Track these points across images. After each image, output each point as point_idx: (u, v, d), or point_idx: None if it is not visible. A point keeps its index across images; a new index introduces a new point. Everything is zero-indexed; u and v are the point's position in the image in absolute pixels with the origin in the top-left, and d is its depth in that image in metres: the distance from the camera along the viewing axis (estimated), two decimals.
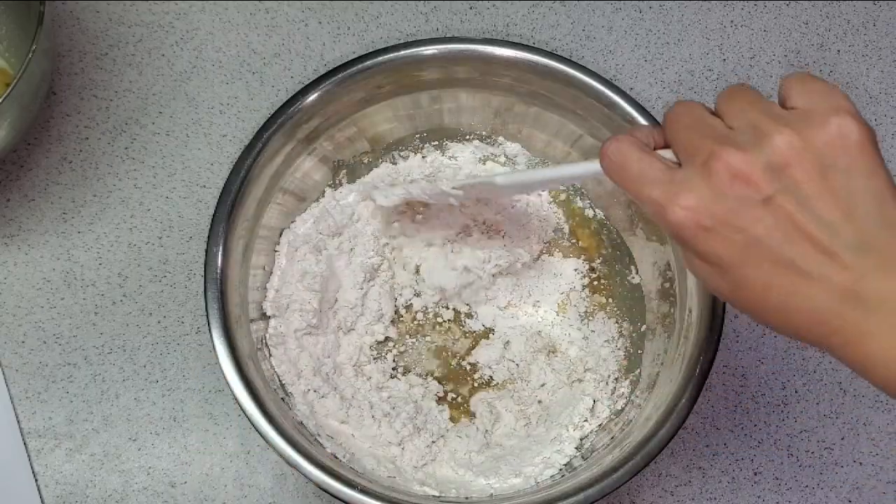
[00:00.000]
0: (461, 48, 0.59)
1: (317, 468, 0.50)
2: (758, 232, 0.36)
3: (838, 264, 0.36)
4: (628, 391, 0.59)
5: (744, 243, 0.37)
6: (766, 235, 0.36)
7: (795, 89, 0.38)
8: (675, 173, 0.38)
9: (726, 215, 0.37)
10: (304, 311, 0.59)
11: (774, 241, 0.36)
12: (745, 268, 0.37)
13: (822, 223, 0.36)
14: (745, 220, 0.36)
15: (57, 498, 0.61)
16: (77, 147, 0.68)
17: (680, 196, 0.37)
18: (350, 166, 0.63)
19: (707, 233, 0.37)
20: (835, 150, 0.36)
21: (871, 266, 0.35)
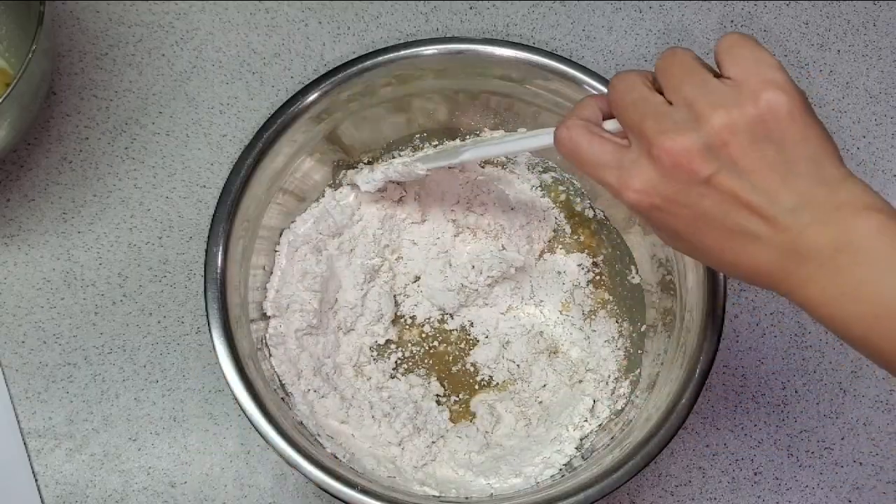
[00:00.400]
0: (461, 48, 0.59)
1: (317, 468, 0.50)
2: (704, 207, 0.40)
3: (778, 227, 0.39)
4: (628, 391, 0.59)
5: (692, 217, 0.41)
6: (712, 209, 0.40)
7: (728, 57, 0.41)
8: (625, 155, 0.42)
9: (674, 195, 0.40)
10: (304, 312, 0.59)
11: (719, 213, 0.40)
12: (697, 235, 0.41)
13: (760, 193, 0.39)
14: (691, 197, 0.40)
15: (57, 498, 0.61)
16: (77, 147, 0.68)
17: (631, 180, 0.41)
18: (350, 166, 0.63)
19: (659, 210, 0.41)
20: (767, 124, 0.39)
21: (807, 222, 0.39)
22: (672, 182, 0.40)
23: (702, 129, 0.39)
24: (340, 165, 0.63)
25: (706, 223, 0.41)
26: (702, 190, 0.40)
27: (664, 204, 0.41)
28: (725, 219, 0.40)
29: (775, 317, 0.67)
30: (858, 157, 0.71)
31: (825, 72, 0.73)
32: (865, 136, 0.72)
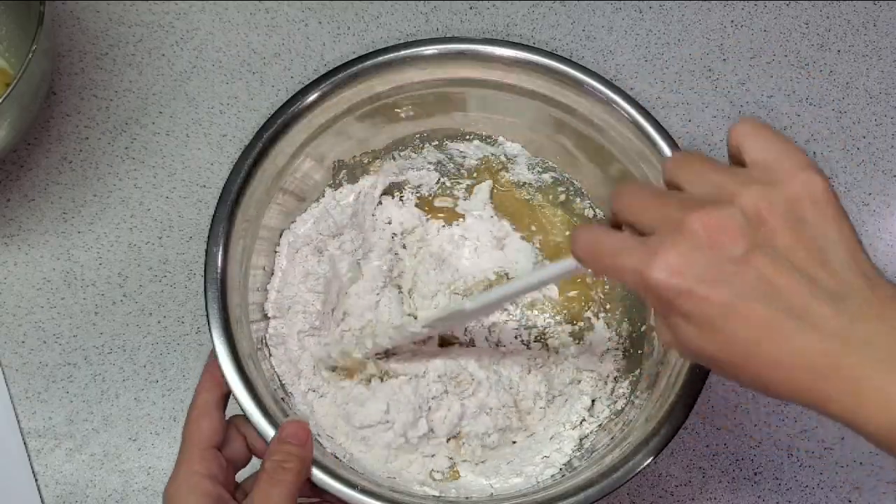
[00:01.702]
0: (461, 48, 0.59)
1: (317, 468, 0.50)
2: (742, 285, 0.36)
3: (823, 313, 0.36)
4: (628, 391, 0.59)
5: (728, 298, 0.36)
6: (751, 288, 0.36)
7: (750, 142, 0.39)
8: (650, 239, 0.38)
9: (708, 271, 0.36)
10: (307, 313, 0.59)
11: (759, 294, 0.36)
12: (732, 323, 0.37)
13: (801, 275, 0.36)
14: (727, 274, 0.36)
15: (57, 498, 0.61)
16: (77, 147, 0.68)
17: (658, 257, 0.37)
18: (350, 166, 0.63)
19: (690, 291, 0.37)
20: (804, 204, 0.37)
21: (852, 313, 0.36)
22: (706, 256, 0.36)
23: (737, 203, 0.37)
24: (340, 165, 0.63)
25: (743, 306, 0.36)
26: (738, 268, 0.36)
27: (696, 282, 0.36)
28: (766, 303, 0.36)
29: None
30: (858, 158, 0.71)
31: (825, 72, 0.73)
32: (865, 136, 0.72)
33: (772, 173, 0.37)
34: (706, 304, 0.36)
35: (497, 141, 0.64)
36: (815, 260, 0.36)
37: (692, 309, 0.37)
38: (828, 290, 0.36)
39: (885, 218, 0.70)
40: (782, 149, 0.38)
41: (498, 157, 0.65)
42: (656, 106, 0.72)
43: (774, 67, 0.73)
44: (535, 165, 0.65)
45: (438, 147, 0.64)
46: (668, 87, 0.72)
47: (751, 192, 0.37)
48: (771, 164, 0.38)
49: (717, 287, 0.36)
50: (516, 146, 0.64)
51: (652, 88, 0.72)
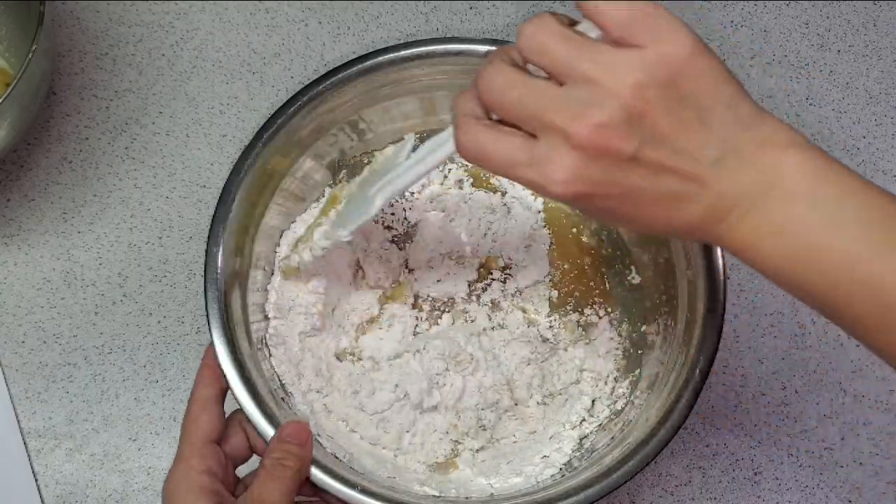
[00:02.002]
0: (461, 48, 0.59)
1: (317, 468, 0.50)
2: (632, 183, 0.39)
3: (705, 183, 0.39)
4: (628, 391, 0.59)
5: (623, 194, 0.39)
6: (641, 183, 0.39)
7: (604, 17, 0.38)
8: (537, 149, 0.39)
9: (601, 178, 0.39)
10: (308, 314, 0.59)
11: (649, 185, 0.39)
12: (630, 210, 0.40)
13: (684, 155, 0.38)
14: (618, 177, 0.39)
15: (57, 498, 0.61)
16: (77, 147, 0.68)
17: (552, 174, 0.39)
18: (350, 166, 0.63)
19: (588, 197, 0.39)
20: (676, 82, 0.38)
21: (733, 168, 0.39)
22: (596, 166, 0.38)
23: (613, 102, 0.37)
24: (340, 165, 0.63)
25: (637, 197, 0.39)
26: (628, 167, 0.38)
27: (592, 189, 0.39)
28: (655, 188, 0.39)
29: (775, 317, 0.67)
30: (858, 158, 0.71)
31: (825, 72, 0.73)
32: (865, 136, 0.72)
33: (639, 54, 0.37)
34: (602, 202, 0.40)
35: None
36: (695, 134, 0.38)
37: (595, 206, 0.40)
38: (707, 160, 0.39)
39: None
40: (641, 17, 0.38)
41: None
42: None
43: (774, 67, 0.73)
44: None
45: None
46: None
47: (624, 85, 0.37)
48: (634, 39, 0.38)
49: (611, 186, 0.39)
50: None
51: None
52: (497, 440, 0.60)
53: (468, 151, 0.41)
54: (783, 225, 0.39)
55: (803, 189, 0.38)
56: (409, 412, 0.58)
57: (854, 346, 0.67)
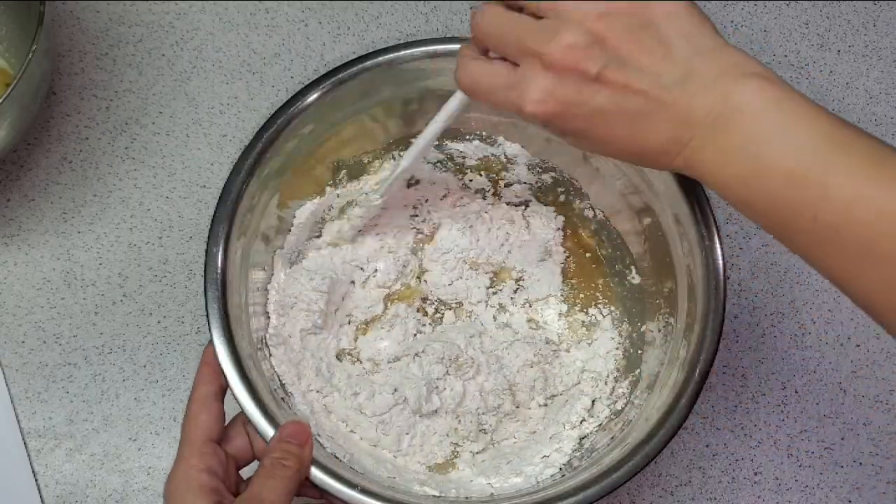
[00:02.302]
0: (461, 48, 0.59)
1: (317, 468, 0.50)
2: (599, 102, 0.42)
3: (666, 102, 0.42)
4: (628, 391, 0.59)
5: (590, 114, 0.43)
6: (606, 102, 0.42)
7: None
8: (517, 73, 0.44)
9: (569, 97, 0.43)
10: (310, 312, 0.59)
11: (614, 105, 0.42)
12: (600, 130, 0.43)
13: (645, 75, 0.42)
14: (585, 96, 0.42)
15: (57, 498, 0.61)
16: (77, 147, 0.68)
17: (528, 93, 0.43)
18: (350, 166, 0.63)
19: (558, 116, 0.43)
20: (635, 10, 0.42)
21: (693, 92, 0.41)
22: (566, 85, 0.42)
23: (580, 28, 0.42)
24: (340, 165, 0.63)
25: (605, 117, 0.43)
26: (594, 87, 0.42)
27: (562, 108, 0.43)
28: (620, 108, 0.42)
29: (775, 317, 0.67)
30: None
31: (825, 72, 0.73)
32: None
33: None
34: (575, 120, 0.43)
35: (497, 141, 0.64)
36: (655, 57, 0.42)
37: (565, 126, 0.44)
38: (670, 80, 0.42)
39: None
40: None
41: (498, 157, 0.65)
42: None
43: (774, 67, 0.73)
44: (535, 166, 0.65)
45: (438, 147, 0.64)
46: None
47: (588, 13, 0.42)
48: None
49: (580, 106, 0.43)
50: (516, 146, 0.64)
51: None
52: (497, 442, 0.60)
53: (463, 83, 0.47)
54: (742, 149, 0.41)
55: (761, 114, 0.41)
56: (409, 416, 0.58)
57: (854, 346, 0.67)
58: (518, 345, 0.61)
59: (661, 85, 0.42)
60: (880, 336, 0.67)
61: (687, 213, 0.55)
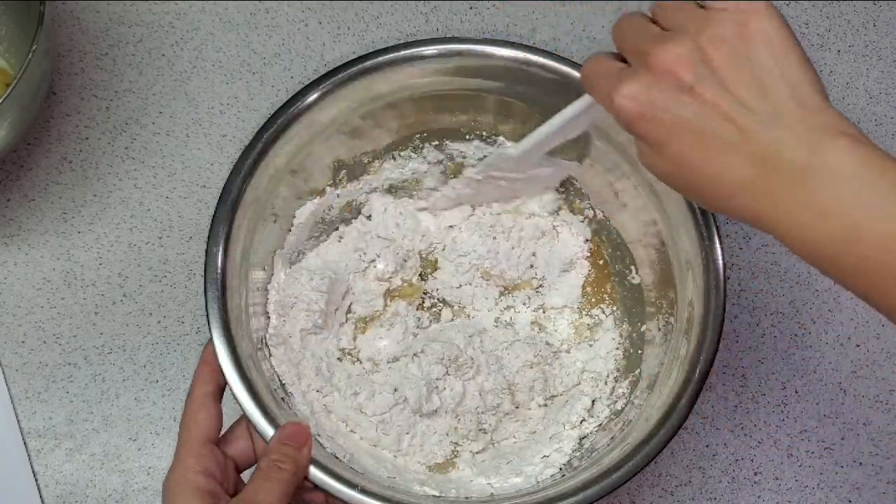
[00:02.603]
0: (461, 48, 0.59)
1: (317, 468, 0.50)
2: (685, 114, 0.42)
3: (751, 135, 0.41)
4: (628, 391, 0.59)
5: (674, 123, 0.42)
6: (692, 117, 0.42)
7: None
8: (623, 70, 0.44)
9: (658, 100, 0.42)
10: (310, 311, 0.59)
11: (699, 121, 0.42)
12: (677, 144, 0.42)
13: (737, 103, 0.41)
14: (674, 103, 0.42)
15: (57, 498, 0.61)
16: (77, 147, 0.68)
17: (621, 87, 0.43)
18: (350, 166, 0.63)
19: (643, 116, 0.43)
20: (749, 43, 0.42)
21: (781, 135, 0.40)
22: (659, 88, 0.42)
23: (690, 42, 0.42)
24: (340, 165, 0.63)
25: (686, 132, 0.42)
26: (685, 97, 0.42)
27: (648, 109, 0.43)
28: (704, 126, 0.41)
29: (775, 317, 0.67)
30: None
31: (825, 72, 0.73)
32: None
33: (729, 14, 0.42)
34: (655, 127, 0.43)
35: (497, 141, 0.64)
36: (753, 90, 0.41)
37: (646, 130, 0.43)
38: (758, 115, 0.41)
39: None
40: None
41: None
42: None
43: None
44: None
45: (438, 147, 0.64)
46: None
47: (705, 31, 0.42)
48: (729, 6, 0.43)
49: (665, 112, 0.42)
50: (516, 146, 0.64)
51: None
52: (497, 442, 0.60)
53: (584, 67, 0.47)
54: (830, 205, 0.40)
55: (854, 173, 0.39)
56: (409, 415, 0.58)
57: (854, 346, 0.67)
58: (518, 345, 0.61)
59: (748, 116, 0.41)
60: (880, 336, 0.67)
61: (687, 213, 0.55)
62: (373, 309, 0.63)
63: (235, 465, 0.52)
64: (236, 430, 0.53)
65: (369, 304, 0.62)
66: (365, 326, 0.63)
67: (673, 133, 0.42)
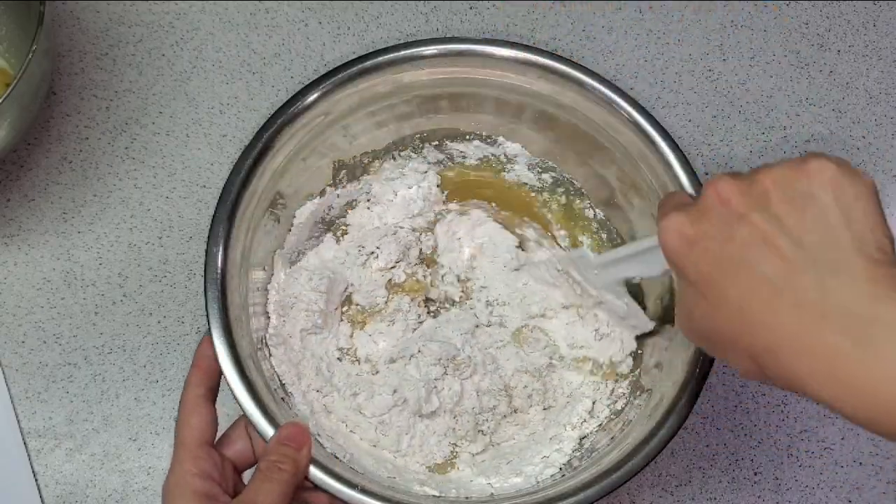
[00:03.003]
0: (461, 48, 0.59)
1: (317, 468, 0.50)
2: (732, 244, 0.39)
3: (794, 270, 0.37)
4: (628, 391, 0.59)
5: (719, 255, 0.39)
6: (740, 248, 0.39)
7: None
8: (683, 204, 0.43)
9: (706, 229, 0.40)
10: (310, 312, 0.59)
11: (747, 254, 0.39)
12: (723, 282, 0.39)
13: (791, 239, 0.38)
14: (722, 232, 0.39)
15: (57, 498, 0.61)
16: (77, 147, 0.68)
17: (673, 217, 0.41)
18: (350, 166, 0.63)
19: (687, 247, 0.41)
20: (812, 186, 0.39)
21: (825, 279, 0.37)
22: (709, 218, 0.40)
23: (751, 179, 0.40)
24: (340, 165, 0.63)
25: (732, 265, 0.39)
26: (734, 227, 0.39)
27: (694, 238, 0.40)
28: (752, 262, 0.38)
29: None
30: (858, 158, 0.71)
31: (825, 72, 0.73)
32: (865, 136, 0.72)
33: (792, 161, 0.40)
34: (700, 259, 0.40)
35: (497, 141, 0.64)
36: (810, 231, 0.38)
37: (687, 265, 0.41)
38: (813, 259, 0.37)
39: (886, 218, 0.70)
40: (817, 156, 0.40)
41: (498, 157, 0.65)
42: (656, 106, 0.72)
43: (774, 67, 0.73)
44: (535, 165, 0.65)
45: (438, 147, 0.64)
46: (668, 87, 0.72)
47: (767, 173, 0.40)
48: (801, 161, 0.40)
49: (710, 243, 0.40)
50: (516, 146, 0.64)
51: (652, 88, 0.72)
52: (497, 443, 0.60)
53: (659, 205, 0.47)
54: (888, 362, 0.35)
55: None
56: (408, 416, 0.58)
57: None
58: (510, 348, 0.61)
59: (796, 250, 0.37)
60: None
61: None
62: (374, 300, 0.62)
63: (234, 467, 0.52)
64: (235, 431, 0.53)
65: (371, 295, 0.62)
66: (364, 321, 0.62)
67: (719, 267, 0.39)
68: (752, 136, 0.71)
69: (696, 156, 0.70)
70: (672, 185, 0.56)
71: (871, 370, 0.35)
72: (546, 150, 0.64)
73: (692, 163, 0.57)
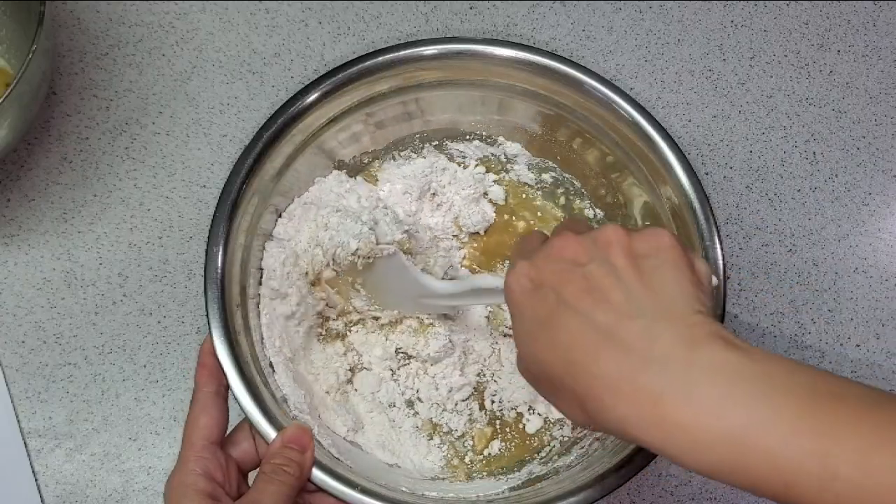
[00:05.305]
0: (461, 48, 0.59)
1: (317, 468, 0.50)
2: (569, 291, 0.41)
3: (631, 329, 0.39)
4: None
5: (556, 301, 0.41)
6: (575, 296, 0.41)
7: None
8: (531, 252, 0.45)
9: (546, 277, 0.42)
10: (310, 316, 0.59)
11: (581, 302, 0.41)
12: (556, 325, 0.41)
13: (625, 290, 0.40)
14: (560, 280, 0.42)
15: (57, 498, 0.61)
16: (77, 147, 0.68)
17: (521, 264, 0.44)
18: (350, 166, 0.63)
19: (527, 294, 0.43)
20: (649, 247, 0.42)
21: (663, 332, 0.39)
22: (550, 266, 0.42)
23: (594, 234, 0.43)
24: (340, 165, 0.63)
25: (565, 311, 0.41)
26: (573, 275, 0.41)
27: (534, 286, 0.42)
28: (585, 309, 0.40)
29: (775, 317, 0.67)
30: (858, 158, 0.71)
31: (825, 72, 0.73)
32: (865, 136, 0.72)
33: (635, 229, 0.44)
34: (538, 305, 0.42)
35: (497, 141, 0.64)
36: (643, 284, 0.40)
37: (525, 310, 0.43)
38: (644, 309, 0.40)
39: (885, 218, 0.70)
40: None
41: (498, 157, 0.65)
42: (656, 106, 0.72)
43: (774, 67, 0.73)
44: (535, 165, 0.65)
45: (438, 147, 0.64)
46: (668, 87, 0.72)
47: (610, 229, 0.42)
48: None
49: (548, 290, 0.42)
50: (516, 146, 0.64)
51: (652, 88, 0.72)
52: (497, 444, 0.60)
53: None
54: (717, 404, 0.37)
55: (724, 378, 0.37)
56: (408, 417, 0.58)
57: (854, 345, 0.67)
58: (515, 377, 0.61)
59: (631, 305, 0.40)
60: (880, 336, 0.67)
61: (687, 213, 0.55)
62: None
63: (239, 468, 0.52)
64: (240, 433, 0.53)
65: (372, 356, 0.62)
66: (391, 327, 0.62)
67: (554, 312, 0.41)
68: (752, 136, 0.71)
69: (696, 156, 0.70)
70: (672, 185, 0.56)
71: (690, 411, 0.37)
72: (546, 149, 0.64)
73: (692, 163, 0.57)
